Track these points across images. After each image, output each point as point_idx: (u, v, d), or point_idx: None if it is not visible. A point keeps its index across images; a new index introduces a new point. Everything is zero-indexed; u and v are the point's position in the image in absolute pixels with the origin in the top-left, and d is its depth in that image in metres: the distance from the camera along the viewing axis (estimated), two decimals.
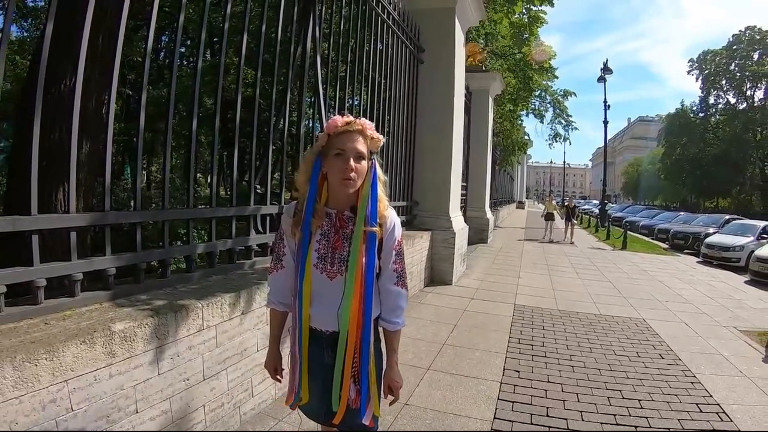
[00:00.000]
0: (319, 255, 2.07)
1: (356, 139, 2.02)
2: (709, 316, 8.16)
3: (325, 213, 2.09)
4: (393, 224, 2.16)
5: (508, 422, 4.02)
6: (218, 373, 3.21)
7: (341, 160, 1.98)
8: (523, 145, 31.41)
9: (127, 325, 2.53)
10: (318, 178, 2.06)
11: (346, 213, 2.10)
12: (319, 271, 2.06)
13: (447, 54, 9.21)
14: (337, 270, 2.06)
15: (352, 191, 2.04)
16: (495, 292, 9.07)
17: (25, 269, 2.52)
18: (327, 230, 2.09)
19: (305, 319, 2.08)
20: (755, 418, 4.37)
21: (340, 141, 2.01)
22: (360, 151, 2.01)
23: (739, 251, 16.59)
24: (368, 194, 2.05)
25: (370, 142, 2.07)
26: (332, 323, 2.08)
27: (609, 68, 30.49)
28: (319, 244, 2.08)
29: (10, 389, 2.01)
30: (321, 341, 2.13)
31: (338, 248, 2.07)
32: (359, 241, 2.02)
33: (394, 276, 2.19)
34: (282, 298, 2.26)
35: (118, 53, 3.08)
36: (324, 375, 2.12)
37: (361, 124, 2.05)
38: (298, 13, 4.77)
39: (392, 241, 2.16)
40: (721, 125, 52.56)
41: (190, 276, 3.52)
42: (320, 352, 2.13)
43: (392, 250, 2.17)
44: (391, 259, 2.17)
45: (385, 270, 2.17)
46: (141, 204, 3.29)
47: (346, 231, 2.09)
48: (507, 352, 5.69)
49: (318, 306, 2.08)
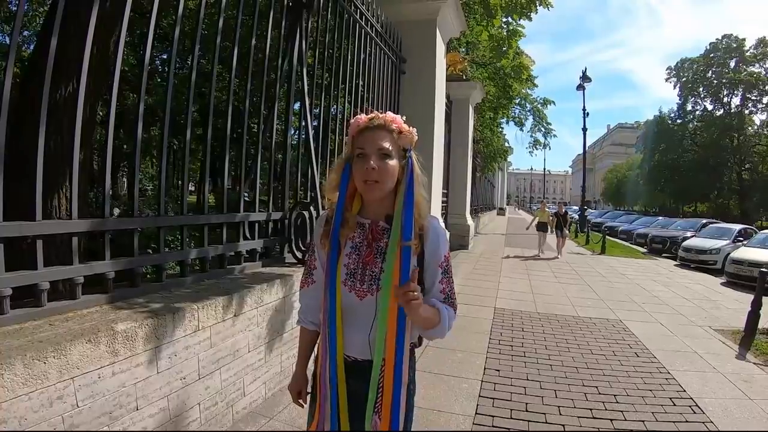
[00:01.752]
0: (348, 270, 1.84)
1: (379, 135, 1.79)
2: (685, 317, 8.40)
3: (357, 223, 1.89)
4: (437, 236, 1.90)
5: (489, 417, 4.21)
6: (212, 373, 3.35)
7: (363, 161, 1.76)
8: (504, 152, 31.70)
9: (129, 326, 2.67)
10: (347, 185, 1.84)
11: (380, 223, 1.88)
12: (347, 288, 1.83)
13: (428, 64, 9.40)
14: (368, 289, 1.82)
15: (378, 194, 1.80)
16: (475, 296, 9.25)
17: (31, 272, 2.64)
18: (359, 243, 1.88)
19: (340, 344, 1.84)
20: (727, 410, 4.58)
21: (361, 140, 1.80)
22: (384, 148, 1.77)
23: (715, 254, 16.97)
24: (403, 201, 1.78)
25: (399, 138, 1.83)
26: (360, 350, 1.86)
27: (588, 77, 30.91)
28: (348, 258, 1.86)
29: (20, 386, 2.11)
30: (348, 369, 1.87)
31: (369, 264, 1.84)
32: (394, 257, 1.75)
33: (441, 297, 1.91)
34: (312, 316, 2.05)
35: (118, 64, 3.24)
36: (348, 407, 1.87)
37: (384, 118, 1.83)
38: (285, 29, 4.93)
39: (438, 258, 1.90)
40: (698, 131, 53.14)
41: (183, 280, 3.64)
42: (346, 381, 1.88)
43: (438, 267, 1.90)
44: (437, 278, 1.90)
45: (431, 290, 1.91)
46: (137, 211, 3.41)
47: (380, 244, 1.86)
48: (487, 353, 5.87)
49: (345, 329, 1.85)
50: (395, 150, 1.80)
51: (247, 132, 4.61)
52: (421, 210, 1.84)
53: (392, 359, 1.76)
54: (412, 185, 1.79)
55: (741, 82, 49.41)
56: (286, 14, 4.96)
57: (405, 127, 1.85)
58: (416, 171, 1.83)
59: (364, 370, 1.82)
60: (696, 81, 52.97)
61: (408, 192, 1.78)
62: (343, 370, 1.84)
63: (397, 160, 1.80)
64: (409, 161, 1.81)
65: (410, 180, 1.79)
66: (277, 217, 4.84)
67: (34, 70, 4.38)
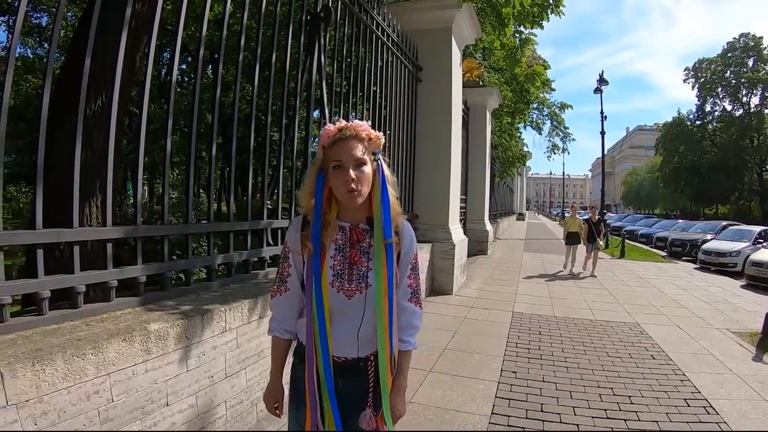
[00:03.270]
0: (334, 272, 1.90)
1: (353, 146, 1.86)
2: (703, 320, 8.41)
3: (338, 226, 1.95)
4: (410, 237, 2.05)
5: (504, 417, 4.32)
6: (238, 372, 3.49)
7: (341, 173, 1.83)
8: (522, 157, 31.62)
9: (161, 326, 2.82)
10: (323, 192, 1.90)
11: (361, 225, 1.97)
12: (335, 289, 1.89)
13: (444, 71, 9.53)
14: (356, 287, 1.90)
15: (360, 201, 1.87)
16: (494, 300, 9.36)
17: (68, 276, 2.81)
18: (342, 245, 1.94)
19: (330, 345, 1.89)
20: (741, 411, 4.63)
21: (335, 151, 1.86)
22: (358, 158, 1.85)
23: (735, 256, 16.83)
24: (380, 202, 1.90)
25: (368, 144, 1.91)
26: (348, 349, 1.94)
27: (605, 79, 30.71)
28: (333, 260, 1.91)
29: (61, 380, 2.26)
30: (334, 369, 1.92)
31: (356, 263, 1.92)
32: (381, 254, 1.88)
33: (408, 292, 2.05)
34: (287, 325, 2.07)
35: (148, 77, 3.42)
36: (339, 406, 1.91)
37: (354, 128, 1.89)
38: (304, 43, 5.09)
39: (410, 255, 2.04)
40: (718, 132, 52.49)
41: (210, 284, 3.79)
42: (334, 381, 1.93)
43: (409, 264, 2.04)
44: (406, 273, 2.04)
45: (400, 285, 2.02)
46: (167, 219, 3.57)
47: (363, 244, 1.94)
48: (505, 356, 5.97)
49: (333, 330, 1.90)
50: (368, 156, 1.88)
51: (269, 141, 4.77)
52: (395, 208, 1.94)
53: (389, 350, 1.89)
54: (385, 186, 1.91)
55: (760, 81, 48.74)
56: (305, 28, 5.11)
57: (373, 133, 1.93)
58: (386, 172, 1.95)
59: (353, 368, 1.94)
60: (714, 81, 52.25)
61: (383, 193, 1.90)
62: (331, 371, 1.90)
63: (370, 164, 1.89)
64: (379, 164, 1.92)
65: (383, 182, 1.91)
66: None
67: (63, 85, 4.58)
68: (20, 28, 2.78)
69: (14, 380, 2.07)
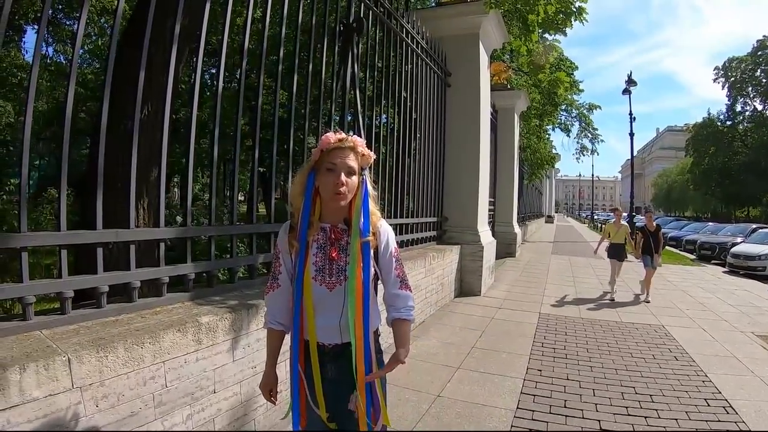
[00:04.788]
0: (317, 267, 2.10)
1: (347, 155, 2.07)
2: (728, 323, 8.43)
3: (319, 227, 2.15)
4: (387, 234, 2.23)
5: (529, 411, 4.50)
6: (278, 364, 3.71)
7: (333, 175, 2.04)
8: (551, 159, 31.48)
9: (211, 319, 3.08)
10: (312, 192, 2.11)
11: (339, 225, 2.17)
12: (318, 282, 2.09)
13: (473, 76, 9.71)
14: (336, 280, 2.10)
15: (344, 204, 2.09)
16: (521, 302, 9.49)
17: (126, 273, 3.10)
18: (323, 243, 2.14)
19: (313, 334, 2.10)
20: (761, 411, 4.72)
21: (331, 157, 2.06)
22: (351, 167, 2.06)
23: (764, 260, 16.61)
24: (361, 207, 2.10)
25: (361, 159, 2.12)
26: (334, 336, 2.12)
27: (633, 80, 30.43)
28: (316, 257, 2.11)
29: (121, 366, 2.51)
30: (322, 356, 2.14)
31: (336, 259, 2.12)
32: (356, 250, 2.07)
33: (398, 281, 2.24)
34: (279, 318, 2.26)
35: (196, 86, 3.67)
36: (329, 390, 2.15)
37: (353, 141, 2.10)
38: (338, 53, 5.33)
39: (390, 250, 2.23)
40: (749, 133, 51.08)
41: (252, 282, 4.05)
42: (323, 367, 2.15)
43: (392, 258, 2.23)
44: (392, 266, 2.23)
45: (389, 277, 2.23)
46: (214, 220, 3.82)
47: (342, 242, 2.14)
48: (530, 354, 6.14)
49: (319, 319, 2.10)
50: (357, 168, 2.10)
51: (305, 147, 5.00)
52: (375, 213, 2.17)
53: (361, 338, 2.05)
54: (366, 197, 2.12)
55: None
56: (339, 38, 5.34)
57: (367, 151, 2.15)
58: (369, 187, 2.17)
59: (335, 353, 2.13)
60: (744, 81, 50.74)
61: (364, 202, 2.11)
62: (317, 356, 2.12)
63: (358, 176, 2.11)
64: (363, 179, 2.13)
65: (365, 193, 2.12)
66: None
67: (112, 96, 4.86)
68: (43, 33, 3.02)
69: (80, 365, 2.31)
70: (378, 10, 6.08)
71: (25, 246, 2.60)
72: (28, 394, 2.10)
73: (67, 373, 2.26)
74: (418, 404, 4.50)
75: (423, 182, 8.42)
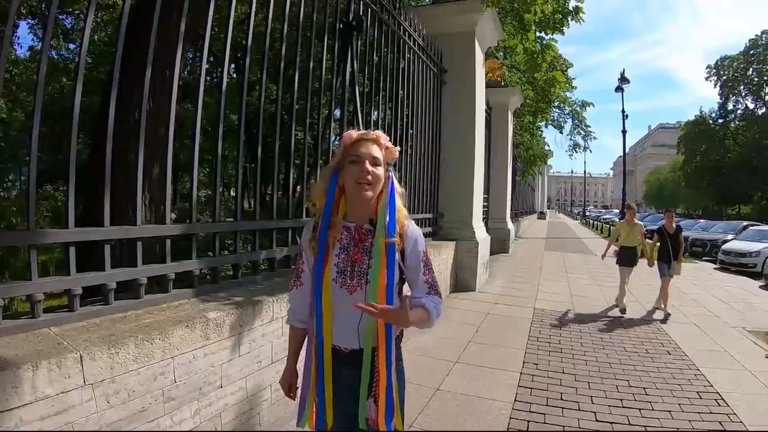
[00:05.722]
0: (338, 269, 2.03)
1: (371, 147, 2.02)
2: (720, 318, 8.58)
3: (342, 226, 2.08)
4: (415, 236, 2.13)
5: (526, 404, 4.61)
6: (282, 358, 3.72)
7: (357, 165, 1.98)
8: (544, 155, 31.62)
9: (218, 314, 3.13)
10: (334, 191, 2.05)
11: (365, 226, 2.08)
12: (338, 285, 2.01)
13: (468, 73, 9.79)
14: (357, 283, 2.01)
15: (370, 195, 2.00)
16: (516, 297, 9.60)
17: (133, 269, 3.12)
18: (346, 244, 2.06)
19: (327, 337, 2.04)
20: (751, 404, 4.85)
21: (355, 149, 2.01)
22: (375, 157, 2.01)
23: (755, 257, 16.79)
24: (386, 205, 2.02)
25: (385, 152, 2.07)
26: (351, 340, 2.05)
27: (626, 78, 30.61)
28: (338, 258, 2.04)
29: (132, 362, 2.54)
30: (338, 359, 2.07)
31: (358, 261, 2.04)
32: (380, 253, 1.98)
33: (426, 287, 2.14)
34: (301, 315, 2.23)
35: (201, 83, 3.71)
36: (342, 394, 2.09)
37: (377, 134, 2.06)
38: (338, 50, 5.39)
39: (418, 253, 2.13)
40: (740, 131, 51.61)
41: (255, 278, 4.09)
42: (338, 370, 2.08)
43: (420, 261, 2.13)
44: (420, 270, 2.13)
45: (416, 282, 2.14)
46: (219, 217, 3.86)
47: (366, 244, 2.05)
48: (526, 349, 6.25)
49: (337, 322, 2.03)
50: (383, 161, 2.05)
51: (306, 145, 5.06)
52: (401, 211, 2.08)
53: (384, 345, 1.99)
54: (393, 194, 2.05)
55: None
56: (338, 36, 5.40)
57: (391, 145, 2.10)
58: (396, 183, 2.09)
59: (353, 358, 2.04)
60: (736, 79, 51.41)
61: (390, 199, 2.03)
62: (330, 359, 2.05)
63: (384, 169, 2.05)
64: (389, 176, 2.06)
65: (391, 190, 2.05)
66: None
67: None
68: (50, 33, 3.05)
69: (92, 362, 2.33)
70: (376, 7, 6.12)
71: (34, 243, 2.62)
72: (40, 391, 2.12)
73: (79, 369, 2.28)
74: (419, 398, 4.57)
75: (419, 178, 8.46)
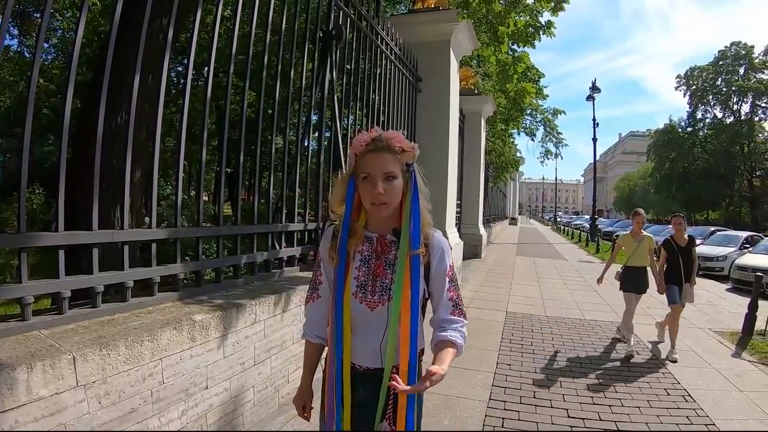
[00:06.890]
0: (358, 283, 1.89)
1: (383, 158, 1.82)
2: (687, 320, 8.71)
3: (364, 236, 1.94)
4: (441, 248, 1.96)
5: (501, 402, 4.79)
6: (264, 360, 3.86)
7: (369, 184, 1.81)
8: (515, 162, 31.93)
9: (204, 317, 3.21)
10: (353, 199, 1.89)
11: (388, 236, 1.94)
12: (358, 300, 1.87)
13: (443, 82, 9.90)
14: (379, 299, 1.86)
15: (386, 213, 1.85)
16: (489, 301, 9.79)
17: (120, 273, 3.18)
18: (367, 255, 1.92)
19: (347, 355, 1.88)
20: (717, 399, 5.09)
21: (365, 163, 1.83)
22: (388, 171, 1.81)
23: (722, 261, 17.26)
24: (411, 212, 1.86)
25: (401, 155, 1.87)
26: (371, 359, 1.90)
27: (597, 87, 31.23)
28: (358, 270, 1.90)
29: (122, 364, 2.60)
30: (356, 378, 1.91)
31: (380, 275, 1.88)
32: (404, 267, 1.83)
33: (450, 305, 1.95)
34: (318, 330, 2.08)
35: (187, 89, 3.79)
36: (358, 414, 1.92)
37: (387, 140, 1.86)
38: (317, 59, 5.51)
39: (444, 267, 1.95)
40: (709, 139, 52.64)
41: (236, 281, 4.16)
42: (354, 389, 1.91)
43: (445, 276, 1.95)
44: (444, 287, 1.95)
45: (440, 299, 1.96)
46: (202, 222, 3.93)
47: (389, 256, 1.91)
48: (500, 350, 6.43)
49: (356, 339, 1.89)
50: (399, 169, 1.85)
51: (287, 152, 5.15)
52: (425, 219, 1.91)
53: (406, 365, 1.81)
54: (417, 198, 1.88)
55: (750, 89, 49.18)
56: (318, 45, 5.52)
57: (407, 144, 1.90)
58: (420, 183, 1.91)
59: (375, 378, 1.88)
60: (705, 89, 52.67)
61: (414, 205, 1.86)
62: (349, 379, 1.89)
63: (401, 176, 1.87)
64: (412, 176, 1.90)
65: (415, 193, 1.88)
66: (312, 227, 5.35)
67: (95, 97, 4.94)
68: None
69: (84, 363, 2.39)
70: (350, 11, 6.18)
71: (24, 246, 2.66)
72: (35, 393, 2.16)
73: (72, 371, 2.32)
74: None
75: None
